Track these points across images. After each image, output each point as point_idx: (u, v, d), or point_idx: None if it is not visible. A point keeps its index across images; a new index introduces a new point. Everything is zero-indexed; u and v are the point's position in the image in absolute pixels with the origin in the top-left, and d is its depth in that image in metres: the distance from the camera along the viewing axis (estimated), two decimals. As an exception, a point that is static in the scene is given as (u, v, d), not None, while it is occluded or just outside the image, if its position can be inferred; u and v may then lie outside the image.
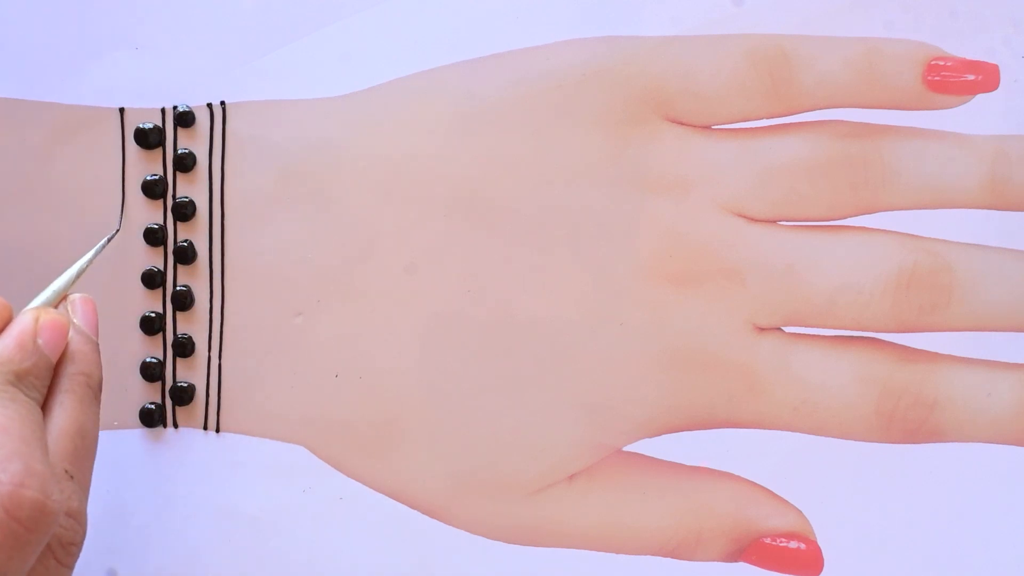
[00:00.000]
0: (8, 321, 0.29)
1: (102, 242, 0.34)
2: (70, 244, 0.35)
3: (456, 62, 0.35)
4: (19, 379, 0.28)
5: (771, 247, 0.35)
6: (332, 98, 0.35)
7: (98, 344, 0.31)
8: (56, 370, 0.29)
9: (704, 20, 0.35)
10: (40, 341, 0.29)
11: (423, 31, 0.35)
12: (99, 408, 0.30)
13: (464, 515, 0.35)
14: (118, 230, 0.35)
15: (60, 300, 0.31)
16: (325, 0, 0.35)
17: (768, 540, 0.34)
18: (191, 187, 0.35)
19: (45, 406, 0.29)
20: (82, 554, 0.34)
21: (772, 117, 0.35)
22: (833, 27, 0.35)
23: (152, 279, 0.35)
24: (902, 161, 0.35)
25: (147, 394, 0.35)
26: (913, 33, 0.35)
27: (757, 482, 0.35)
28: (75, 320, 0.31)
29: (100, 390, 0.30)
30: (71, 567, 0.28)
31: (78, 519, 0.28)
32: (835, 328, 0.35)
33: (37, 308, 0.30)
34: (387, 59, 0.35)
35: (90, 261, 0.33)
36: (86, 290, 0.34)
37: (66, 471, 0.28)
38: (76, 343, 0.30)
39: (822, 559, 0.34)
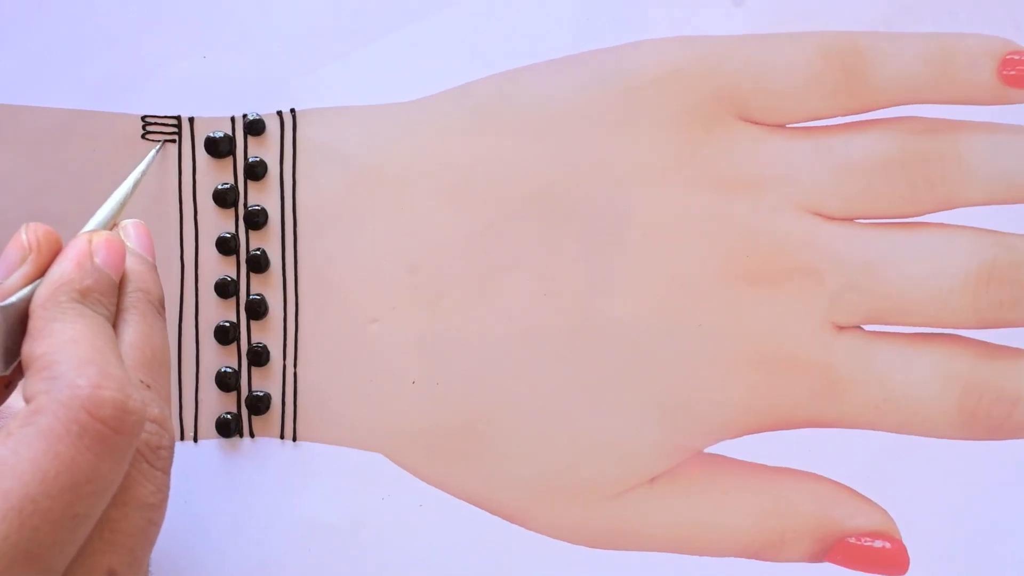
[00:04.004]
0: (59, 249, 0.29)
1: (143, 163, 0.33)
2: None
3: (527, 64, 0.35)
4: (84, 296, 0.28)
5: (848, 245, 0.34)
6: (403, 103, 0.35)
7: (154, 264, 0.31)
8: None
9: (776, 18, 0.35)
10: (97, 260, 0.29)
11: (493, 34, 0.35)
12: (164, 323, 0.30)
13: (544, 519, 0.35)
14: (161, 145, 0.35)
15: (111, 226, 0.31)
16: (393, 4, 0.35)
17: (853, 539, 0.34)
18: (263, 195, 0.35)
19: (112, 326, 0.29)
20: (159, 567, 0.35)
21: (846, 114, 0.35)
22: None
23: (225, 288, 0.35)
24: (978, 156, 0.34)
25: (223, 404, 0.35)
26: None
27: (840, 481, 0.34)
28: (128, 244, 0.31)
29: (162, 306, 0.30)
30: (165, 471, 0.28)
31: (162, 425, 0.28)
32: (915, 325, 0.34)
33: (88, 231, 0.30)
34: (457, 63, 0.35)
35: (134, 185, 0.32)
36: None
37: (142, 381, 0.28)
38: (131, 263, 0.30)
39: (908, 558, 0.34)
